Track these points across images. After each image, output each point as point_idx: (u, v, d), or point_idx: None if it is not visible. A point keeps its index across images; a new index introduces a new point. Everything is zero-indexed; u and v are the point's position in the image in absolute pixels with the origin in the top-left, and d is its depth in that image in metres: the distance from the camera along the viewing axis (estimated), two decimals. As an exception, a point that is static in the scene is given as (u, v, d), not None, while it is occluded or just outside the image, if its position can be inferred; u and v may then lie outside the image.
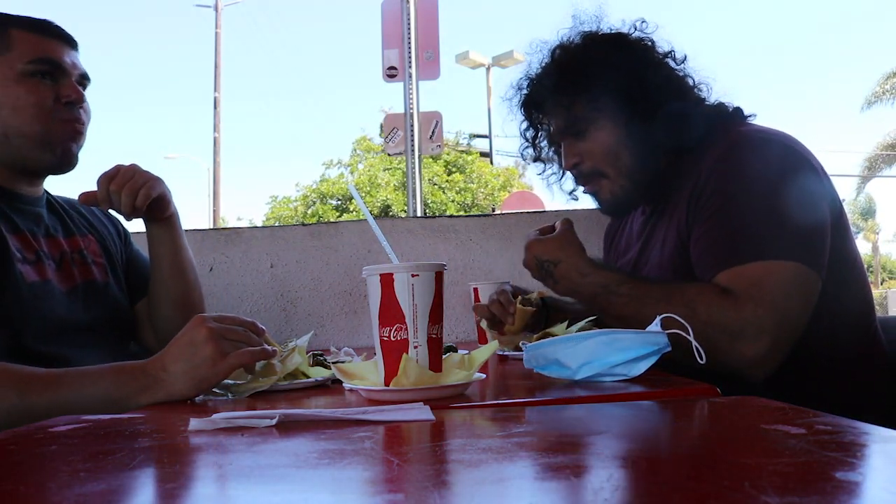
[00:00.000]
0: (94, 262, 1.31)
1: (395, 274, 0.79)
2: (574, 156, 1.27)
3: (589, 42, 1.26)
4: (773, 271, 1.02)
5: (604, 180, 1.26)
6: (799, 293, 1.03)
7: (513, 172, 17.30)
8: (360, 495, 0.44)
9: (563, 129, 1.27)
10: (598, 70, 1.22)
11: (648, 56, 1.26)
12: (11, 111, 1.16)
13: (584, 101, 1.23)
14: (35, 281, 1.14)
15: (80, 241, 1.31)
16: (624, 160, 1.23)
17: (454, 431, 0.62)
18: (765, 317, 0.99)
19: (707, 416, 0.67)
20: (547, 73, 1.28)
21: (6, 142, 1.17)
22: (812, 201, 1.09)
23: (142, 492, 0.45)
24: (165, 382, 0.90)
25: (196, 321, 0.92)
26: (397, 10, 5.27)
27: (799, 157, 1.12)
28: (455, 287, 1.92)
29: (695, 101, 1.25)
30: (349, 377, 0.87)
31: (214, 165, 17.59)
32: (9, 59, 1.17)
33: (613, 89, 1.21)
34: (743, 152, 1.12)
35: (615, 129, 1.23)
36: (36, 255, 1.18)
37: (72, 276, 1.24)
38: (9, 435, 0.65)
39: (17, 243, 1.15)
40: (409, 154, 5.19)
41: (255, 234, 2.01)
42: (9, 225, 1.16)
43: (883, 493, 0.38)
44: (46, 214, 1.28)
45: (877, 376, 1.18)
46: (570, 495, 0.40)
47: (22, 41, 1.18)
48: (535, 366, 0.92)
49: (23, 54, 1.17)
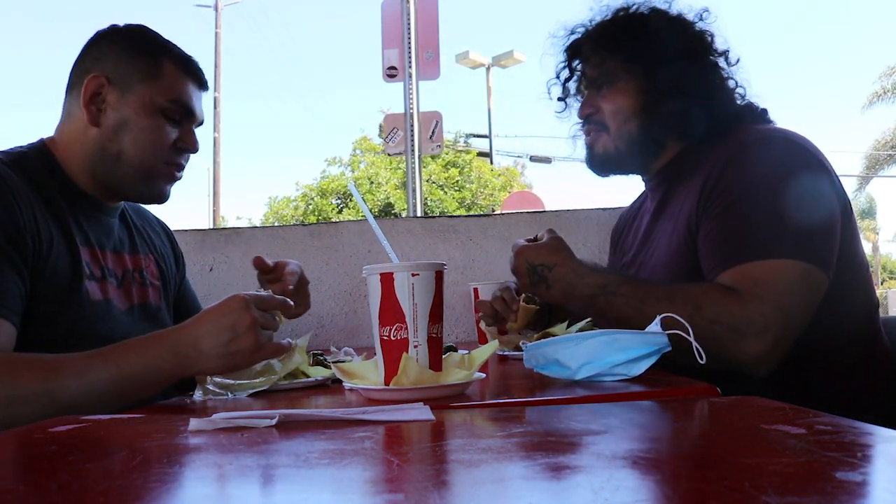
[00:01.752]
0: (151, 283, 1.30)
1: (395, 273, 0.80)
2: (590, 106, 1.31)
3: (650, 14, 1.30)
4: (778, 269, 1.02)
5: (604, 135, 1.30)
6: (803, 292, 1.03)
7: (513, 173, 17.30)
8: (360, 495, 0.44)
9: (591, 80, 1.32)
10: (645, 42, 1.25)
11: (699, 50, 1.27)
12: (133, 138, 1.16)
13: (621, 63, 1.27)
14: (99, 300, 1.12)
15: (142, 259, 1.30)
16: (630, 126, 1.27)
17: (454, 431, 0.62)
18: (769, 314, 0.99)
19: (707, 416, 0.67)
20: (601, 27, 1.32)
21: (115, 162, 1.16)
22: (820, 200, 1.09)
23: (142, 492, 0.45)
24: (196, 362, 0.89)
25: (241, 303, 0.89)
26: (397, 10, 5.27)
27: (808, 156, 1.12)
28: (455, 287, 1.92)
29: (724, 102, 1.26)
30: (349, 377, 0.87)
31: (214, 165, 17.59)
32: (152, 89, 1.16)
33: (652, 65, 1.24)
34: (752, 150, 1.13)
35: (636, 97, 1.26)
36: (101, 270, 1.16)
37: (130, 296, 1.22)
38: (9, 435, 0.65)
39: (86, 257, 1.13)
40: (408, 154, 5.19)
41: (255, 234, 2.01)
42: (82, 237, 1.14)
43: (883, 493, 0.38)
44: (118, 226, 1.27)
45: (879, 377, 1.18)
46: (570, 495, 0.40)
47: (170, 75, 1.18)
48: (535, 366, 0.92)
49: (167, 90, 1.17)
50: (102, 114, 1.15)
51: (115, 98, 1.15)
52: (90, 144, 1.16)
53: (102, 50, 1.18)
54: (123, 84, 1.16)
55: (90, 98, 1.14)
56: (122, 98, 1.15)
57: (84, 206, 1.17)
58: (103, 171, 1.17)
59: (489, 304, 1.40)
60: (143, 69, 1.17)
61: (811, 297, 1.04)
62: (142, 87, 1.16)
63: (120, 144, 1.16)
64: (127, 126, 1.15)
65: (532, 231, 1.98)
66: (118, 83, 1.15)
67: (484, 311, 1.42)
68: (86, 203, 1.18)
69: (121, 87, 1.15)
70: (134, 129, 1.16)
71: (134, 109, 1.16)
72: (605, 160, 1.32)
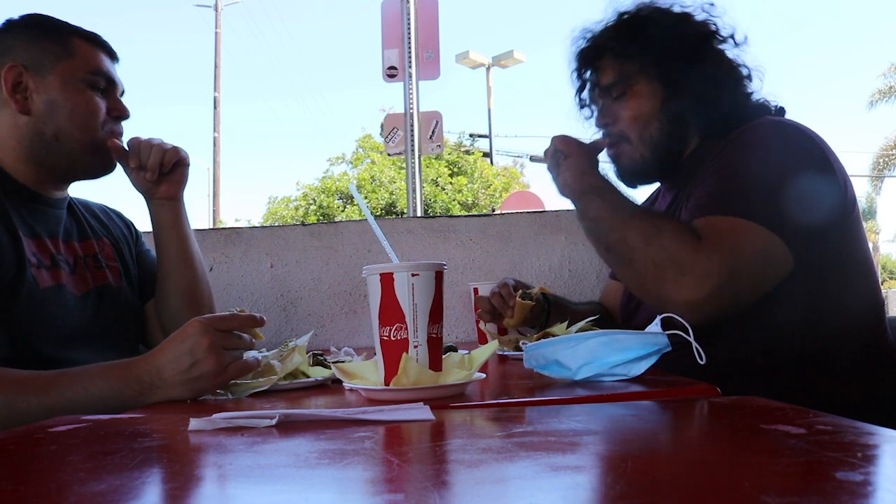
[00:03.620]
0: (109, 265, 1.31)
1: (395, 273, 0.79)
2: (608, 116, 1.32)
3: (654, 14, 1.30)
4: (743, 228, 1.03)
5: (626, 145, 1.30)
6: (759, 259, 1.03)
7: (513, 173, 17.30)
8: (361, 495, 0.44)
9: (606, 88, 1.31)
10: (652, 44, 1.26)
11: (706, 41, 1.28)
12: (68, 116, 1.19)
13: (631, 68, 1.27)
14: (49, 286, 1.14)
15: (94, 244, 1.31)
16: (651, 131, 1.27)
17: (454, 431, 0.62)
18: (716, 264, 1.00)
19: (707, 416, 0.67)
20: (606, 31, 1.33)
21: (55, 144, 1.19)
22: (812, 185, 1.08)
23: (142, 492, 0.45)
24: (160, 389, 0.90)
25: (197, 327, 0.90)
26: (397, 10, 5.27)
27: (811, 144, 1.12)
28: (455, 287, 1.92)
29: (738, 93, 1.26)
30: (349, 377, 0.87)
31: (214, 165, 17.59)
32: (71, 65, 1.20)
33: (661, 65, 1.25)
34: (754, 130, 1.15)
35: (651, 101, 1.27)
36: (51, 259, 1.18)
37: (85, 281, 1.23)
38: (9, 435, 0.65)
39: (33, 248, 1.15)
40: (409, 154, 5.18)
41: (255, 234, 2.01)
42: (26, 229, 1.16)
43: (884, 493, 0.38)
44: (66, 217, 1.28)
45: (883, 377, 1.18)
46: (570, 495, 0.40)
47: (83, 51, 1.22)
48: (535, 366, 0.92)
49: (84, 64, 1.21)
50: (30, 100, 1.18)
51: (36, 82, 1.18)
52: (25, 133, 1.18)
53: (6, 42, 1.20)
54: (40, 68, 1.18)
55: (12, 88, 1.17)
56: (43, 81, 1.18)
57: (24, 199, 1.19)
58: (45, 156, 1.19)
59: (487, 299, 1.41)
60: (55, 50, 1.20)
61: (766, 266, 1.04)
62: (59, 66, 1.19)
63: (56, 124, 1.19)
64: (58, 105, 1.18)
65: (532, 231, 1.99)
66: (35, 68, 1.18)
67: (481, 307, 1.42)
68: (26, 196, 1.20)
69: (39, 71, 1.18)
70: (66, 106, 1.19)
71: (59, 88, 1.18)
72: (634, 171, 1.31)
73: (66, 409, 0.88)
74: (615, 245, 1.09)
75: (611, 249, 1.11)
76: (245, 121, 56.58)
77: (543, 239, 1.97)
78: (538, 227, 1.99)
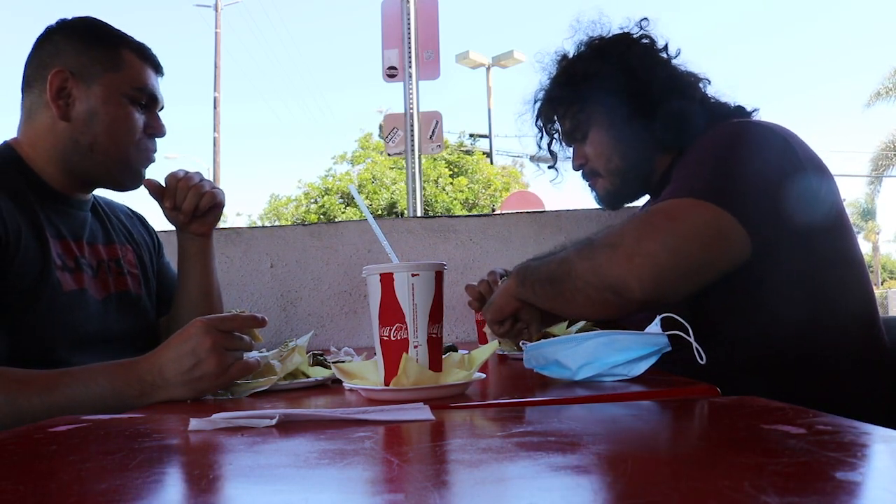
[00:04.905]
0: (130, 272, 1.31)
1: (395, 273, 0.79)
2: (579, 157, 1.39)
3: (589, 50, 1.35)
4: (689, 205, 1.03)
5: (599, 179, 1.37)
6: (708, 234, 1.02)
7: (513, 173, 17.30)
8: (361, 495, 0.44)
9: (569, 134, 1.40)
10: (596, 78, 1.30)
11: (648, 57, 1.30)
12: (106, 128, 1.18)
13: (584, 108, 1.34)
14: (72, 290, 1.13)
15: (118, 249, 1.31)
16: (614, 161, 1.33)
17: (454, 431, 0.62)
18: (657, 240, 1.00)
19: (707, 416, 0.67)
20: (551, 85, 1.40)
21: (89, 154, 1.18)
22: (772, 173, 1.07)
23: (142, 492, 0.45)
24: (162, 389, 0.90)
25: (199, 327, 0.90)
26: (397, 10, 5.27)
27: (777, 141, 1.12)
28: (455, 287, 1.92)
29: (693, 99, 1.28)
30: (349, 377, 0.87)
31: (214, 165, 17.58)
32: (118, 79, 1.19)
33: (611, 94, 1.29)
34: (715, 131, 1.17)
35: (609, 133, 1.33)
36: (75, 262, 1.17)
37: (107, 286, 1.23)
38: (9, 435, 0.65)
39: (58, 249, 1.14)
40: (409, 154, 5.18)
41: (255, 234, 2.01)
42: (53, 230, 1.15)
43: (883, 493, 0.38)
44: (90, 219, 1.28)
45: (879, 377, 1.18)
46: (570, 495, 0.40)
47: (131, 65, 1.22)
48: (535, 366, 0.92)
49: (131, 79, 1.21)
50: (71, 107, 1.17)
51: (80, 90, 1.17)
52: (62, 138, 1.17)
53: (57, 44, 1.19)
54: (87, 76, 1.17)
55: (56, 93, 1.16)
56: (87, 90, 1.17)
57: (53, 201, 1.19)
58: (77, 164, 1.19)
59: (475, 288, 1.41)
60: (104, 60, 1.19)
61: (713, 240, 1.02)
62: (105, 77, 1.18)
63: (93, 135, 1.18)
64: (98, 116, 1.17)
65: (532, 231, 1.99)
66: (81, 75, 1.17)
67: (470, 294, 1.43)
68: (55, 199, 1.19)
69: (85, 80, 1.17)
70: (106, 119, 1.18)
71: (102, 100, 1.18)
72: (611, 199, 1.39)
73: (67, 407, 0.88)
74: (564, 277, 1.06)
75: (565, 280, 1.07)
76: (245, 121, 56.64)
77: (543, 239, 1.97)
78: (538, 227, 1.99)
